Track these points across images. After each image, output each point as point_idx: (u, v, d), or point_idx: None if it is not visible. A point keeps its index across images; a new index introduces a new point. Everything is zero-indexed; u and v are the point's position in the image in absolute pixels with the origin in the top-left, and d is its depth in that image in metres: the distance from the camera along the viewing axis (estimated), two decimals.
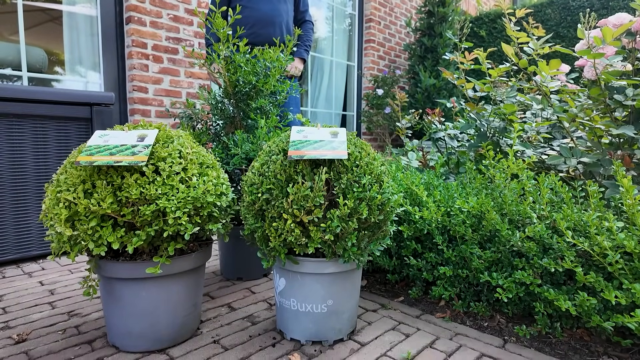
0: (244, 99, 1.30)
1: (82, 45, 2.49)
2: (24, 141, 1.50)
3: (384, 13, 4.37)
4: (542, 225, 0.99)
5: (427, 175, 1.36)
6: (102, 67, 2.51)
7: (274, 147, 0.95)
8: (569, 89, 1.50)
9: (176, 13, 2.69)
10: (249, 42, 2.25)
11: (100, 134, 0.87)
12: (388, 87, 3.88)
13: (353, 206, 0.84)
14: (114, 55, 2.55)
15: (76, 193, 0.78)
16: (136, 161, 0.79)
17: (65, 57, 2.45)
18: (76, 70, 2.48)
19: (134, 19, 2.49)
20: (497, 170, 1.14)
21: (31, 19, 2.32)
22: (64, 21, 2.44)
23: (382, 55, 4.42)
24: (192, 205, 0.84)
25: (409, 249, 1.22)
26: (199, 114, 1.32)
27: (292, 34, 2.40)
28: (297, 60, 2.34)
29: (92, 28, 2.50)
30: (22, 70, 2.25)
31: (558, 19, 3.93)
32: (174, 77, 2.72)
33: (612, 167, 1.28)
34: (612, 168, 1.10)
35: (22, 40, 2.25)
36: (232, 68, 1.26)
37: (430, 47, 4.03)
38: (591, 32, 1.48)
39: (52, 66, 2.43)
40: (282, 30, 2.29)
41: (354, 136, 0.99)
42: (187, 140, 0.95)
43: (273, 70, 1.26)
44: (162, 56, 2.64)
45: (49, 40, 2.43)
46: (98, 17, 2.48)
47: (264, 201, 0.88)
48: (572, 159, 1.28)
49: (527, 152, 1.38)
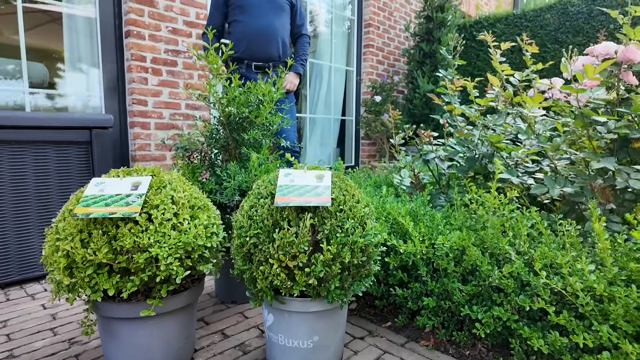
0: (238, 129, 1.34)
1: (82, 60, 2.53)
2: (26, 166, 1.55)
3: (383, 17, 4.37)
4: (520, 262, 1.03)
5: (415, 202, 1.40)
6: (102, 81, 2.55)
7: (262, 189, 0.99)
8: (562, 103, 1.51)
9: (175, 25, 2.72)
10: (246, 58, 2.28)
11: (97, 182, 0.91)
12: (386, 94, 3.90)
13: (336, 251, 0.89)
14: (113, 69, 2.59)
15: (74, 242, 0.83)
16: (130, 212, 0.84)
17: (66, 72, 2.49)
18: (77, 84, 2.52)
19: (133, 33, 2.53)
20: (480, 203, 1.18)
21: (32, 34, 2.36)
22: (64, 31, 2.48)
23: (381, 60, 4.43)
24: (183, 250, 0.89)
25: (395, 278, 1.26)
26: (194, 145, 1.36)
27: (289, 48, 2.43)
28: (293, 74, 2.37)
29: (92, 41, 2.54)
30: (23, 86, 2.30)
31: (557, 24, 3.92)
32: (172, 89, 2.75)
33: (593, 199, 1.31)
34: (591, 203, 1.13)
35: (23, 56, 2.29)
36: (226, 101, 1.30)
37: (429, 53, 4.04)
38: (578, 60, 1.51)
39: (53, 80, 2.47)
40: (278, 45, 2.32)
41: (339, 177, 1.04)
42: (180, 182, 0.99)
43: (265, 103, 1.30)
44: (161, 69, 2.68)
45: (49, 54, 2.47)
46: (97, 32, 2.52)
47: (251, 245, 0.92)
48: (555, 189, 1.32)
49: (513, 179, 1.42)
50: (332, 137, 4.34)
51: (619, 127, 1.27)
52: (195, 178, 1.27)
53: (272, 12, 2.27)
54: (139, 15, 2.54)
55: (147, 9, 2.57)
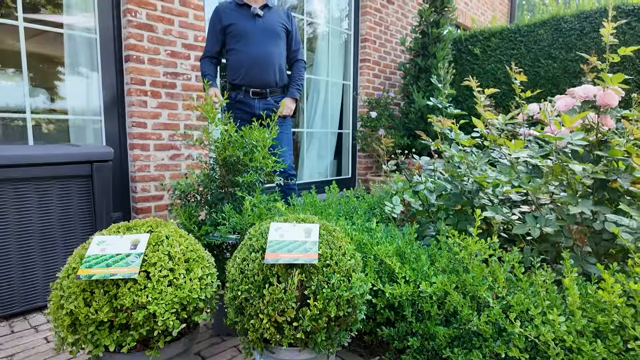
0: (233, 170, 1.41)
1: (82, 83, 2.59)
2: (29, 201, 1.61)
3: (379, 32, 4.43)
4: (497, 308, 1.09)
5: (402, 240, 1.46)
6: (103, 105, 2.61)
7: (254, 241, 1.05)
8: (546, 134, 1.57)
9: (173, 49, 2.78)
10: (244, 84, 2.34)
11: (98, 240, 0.98)
12: (382, 109, 3.96)
13: (322, 306, 0.95)
14: (113, 92, 2.65)
15: (77, 302, 0.89)
16: (129, 273, 0.90)
17: (67, 96, 2.55)
18: (77, 108, 2.58)
19: (133, 58, 2.59)
20: (461, 247, 1.24)
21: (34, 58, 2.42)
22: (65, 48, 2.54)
23: (377, 74, 4.49)
24: (179, 304, 0.95)
25: (383, 316, 1.32)
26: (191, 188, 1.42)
27: (286, 73, 2.48)
28: (289, 99, 2.43)
29: (92, 66, 2.60)
30: (26, 112, 2.36)
31: (550, 40, 3.98)
32: (172, 110, 2.81)
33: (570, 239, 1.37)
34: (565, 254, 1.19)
35: (25, 80, 2.35)
36: (221, 145, 1.36)
37: (424, 68, 4.10)
38: (560, 100, 1.57)
39: (54, 105, 2.53)
40: (275, 72, 2.38)
41: (327, 228, 1.10)
42: (176, 236, 1.05)
43: (258, 148, 1.36)
44: (160, 91, 2.74)
45: (49, 77, 2.53)
46: (98, 55, 2.58)
47: (243, 299, 0.99)
48: (535, 229, 1.38)
49: (497, 217, 1.48)
50: (329, 149, 4.40)
51: (595, 172, 1.33)
52: (192, 222, 1.33)
53: (268, 39, 2.33)
54: (139, 40, 2.60)
55: (146, 34, 2.63)
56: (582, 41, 3.79)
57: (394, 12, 4.57)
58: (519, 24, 4.20)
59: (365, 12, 4.25)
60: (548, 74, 3.99)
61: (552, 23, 3.97)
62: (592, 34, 3.72)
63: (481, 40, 4.42)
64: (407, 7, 4.74)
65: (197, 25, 2.89)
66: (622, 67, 3.56)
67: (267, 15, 2.34)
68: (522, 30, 4.16)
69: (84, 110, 2.61)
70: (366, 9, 4.25)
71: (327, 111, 4.29)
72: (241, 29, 2.28)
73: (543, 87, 4.03)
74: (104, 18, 2.56)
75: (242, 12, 2.30)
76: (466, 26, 5.89)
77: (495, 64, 4.33)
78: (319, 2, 4.06)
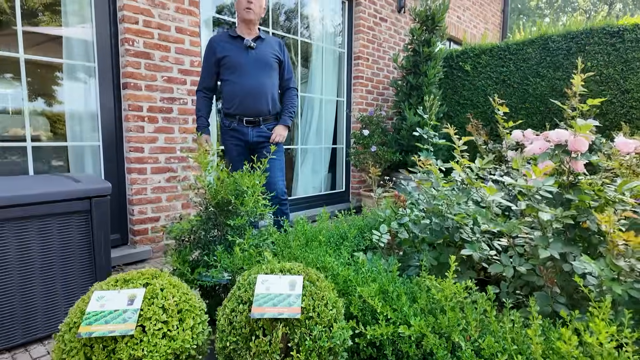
0: (224, 214, 1.49)
1: (81, 111, 2.67)
2: (30, 237, 1.69)
3: (372, 49, 4.52)
4: (469, 350, 1.18)
5: (385, 278, 1.55)
6: (101, 131, 2.69)
7: (242, 292, 1.13)
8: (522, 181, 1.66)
9: (170, 74, 2.86)
10: (238, 114, 2.42)
11: (97, 296, 1.05)
12: (374, 127, 4.05)
13: (305, 357, 1.03)
14: (111, 118, 2.72)
15: (78, 356, 0.97)
16: (126, 330, 0.98)
17: (66, 123, 2.62)
18: (77, 135, 2.66)
19: (130, 85, 2.67)
20: (439, 290, 1.33)
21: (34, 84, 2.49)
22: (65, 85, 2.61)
23: (370, 90, 4.58)
24: (172, 355, 1.03)
25: (366, 353, 1.41)
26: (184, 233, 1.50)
27: (278, 101, 2.56)
28: (281, 127, 2.52)
29: (90, 95, 2.67)
30: (26, 141, 2.43)
31: (538, 59, 4.08)
32: (168, 134, 2.89)
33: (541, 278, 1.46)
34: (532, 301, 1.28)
35: (26, 110, 2.42)
36: (214, 190, 1.44)
37: (416, 85, 4.19)
38: (534, 143, 1.65)
39: (54, 131, 2.61)
40: (268, 101, 2.45)
41: (311, 278, 1.18)
42: (170, 288, 1.13)
43: (249, 194, 1.45)
44: (157, 116, 2.82)
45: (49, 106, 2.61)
46: (97, 85, 2.65)
47: (231, 349, 1.07)
48: (509, 269, 1.47)
49: (474, 255, 1.57)
50: (323, 164, 4.48)
51: (565, 216, 1.41)
52: (185, 266, 1.41)
53: (261, 71, 2.41)
54: (136, 68, 2.67)
55: (143, 62, 2.71)
56: (568, 60, 3.89)
57: (387, 30, 4.67)
58: (509, 42, 4.30)
59: (359, 30, 4.34)
60: (536, 91, 4.09)
61: (540, 42, 4.07)
62: (578, 54, 3.82)
63: (472, 57, 4.52)
64: (399, 23, 4.84)
65: (193, 51, 2.97)
66: (607, 87, 3.66)
67: (260, 46, 2.42)
68: (511, 48, 4.25)
69: (83, 136, 2.68)
70: (359, 27, 4.34)
71: (321, 127, 4.38)
72: (235, 61, 2.36)
73: (531, 104, 4.13)
74: (102, 48, 2.64)
75: (235, 44, 2.38)
76: (459, 39, 5.99)
77: (485, 81, 4.43)
78: (313, 21, 4.15)
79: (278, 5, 3.84)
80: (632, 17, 3.63)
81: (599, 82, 3.72)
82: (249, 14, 2.34)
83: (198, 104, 2.46)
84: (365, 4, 4.35)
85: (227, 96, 2.42)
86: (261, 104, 2.43)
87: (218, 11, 3.39)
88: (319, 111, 4.34)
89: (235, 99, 2.39)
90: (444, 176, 1.89)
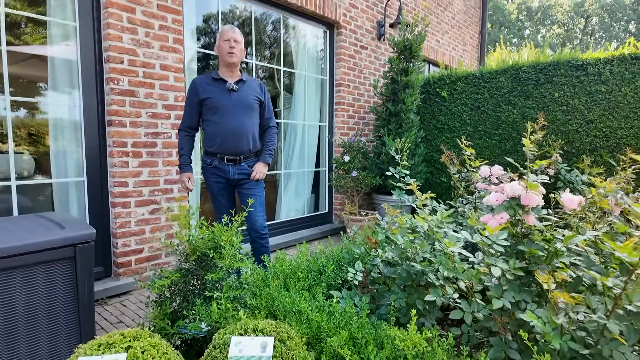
0: (203, 267, 1.58)
1: (66, 149, 2.73)
2: (15, 287, 1.75)
3: (354, 76, 4.68)
4: None
5: (355, 323, 1.66)
6: (86, 167, 2.75)
7: (217, 352, 1.23)
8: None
9: (154, 110, 2.94)
10: (219, 152, 2.52)
11: None
12: (355, 152, 4.19)
13: None
14: (96, 154, 2.79)
15: None
16: None
17: (52, 159, 2.68)
18: (62, 171, 2.72)
19: (115, 122, 2.74)
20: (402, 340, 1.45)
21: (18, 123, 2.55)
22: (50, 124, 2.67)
23: (352, 115, 4.73)
24: None
25: None
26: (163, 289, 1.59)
27: (259, 140, 2.67)
28: (261, 164, 2.62)
29: (76, 134, 2.74)
30: (10, 180, 2.48)
31: (510, 87, 4.29)
32: (152, 168, 2.97)
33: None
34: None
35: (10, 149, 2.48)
36: (193, 247, 1.54)
37: (394, 112, 4.36)
38: (491, 195, 1.80)
39: (39, 168, 2.66)
40: (249, 141, 2.56)
41: (282, 338, 1.28)
42: (150, 350, 1.22)
43: (226, 250, 1.55)
44: (141, 151, 2.90)
45: (34, 143, 2.66)
46: (81, 122, 2.72)
47: None
48: (468, 315, 1.60)
49: (437, 300, 1.70)
50: (306, 187, 4.60)
51: (516, 268, 1.56)
52: (165, 320, 1.50)
53: (242, 112, 2.51)
54: (121, 105, 2.75)
55: (128, 99, 2.79)
56: (538, 90, 4.11)
57: (368, 57, 4.84)
58: (483, 70, 4.51)
59: (340, 58, 4.50)
60: (509, 119, 4.30)
61: (511, 72, 4.29)
62: (546, 85, 4.05)
63: (448, 84, 4.71)
64: (380, 50, 5.01)
65: (178, 87, 3.07)
66: (573, 117, 3.88)
67: (242, 89, 2.53)
68: (485, 76, 4.46)
69: (67, 173, 2.74)
70: (340, 55, 4.49)
71: (304, 151, 4.50)
72: (217, 102, 2.46)
73: (504, 131, 4.33)
74: (87, 88, 2.71)
75: (217, 87, 2.49)
76: (437, 62, 6.21)
77: (461, 107, 4.62)
78: (296, 50, 4.29)
79: (262, 35, 3.96)
80: (594, 52, 3.87)
81: (566, 111, 3.94)
82: (232, 57, 2.45)
83: (181, 142, 2.55)
84: (346, 33, 4.51)
85: (209, 135, 2.52)
86: (242, 144, 2.53)
87: (203, 46, 3.49)
88: (302, 136, 4.46)
89: (217, 139, 2.49)
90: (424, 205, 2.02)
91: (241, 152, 2.54)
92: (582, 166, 3.33)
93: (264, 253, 2.61)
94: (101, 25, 2.71)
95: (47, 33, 2.60)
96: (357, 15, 4.63)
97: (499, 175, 2.44)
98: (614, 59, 3.65)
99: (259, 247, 2.63)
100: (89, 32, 2.68)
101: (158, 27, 2.91)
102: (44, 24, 2.59)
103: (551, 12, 27.07)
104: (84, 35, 2.66)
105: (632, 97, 3.54)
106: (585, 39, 26.83)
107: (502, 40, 8.90)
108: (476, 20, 7.42)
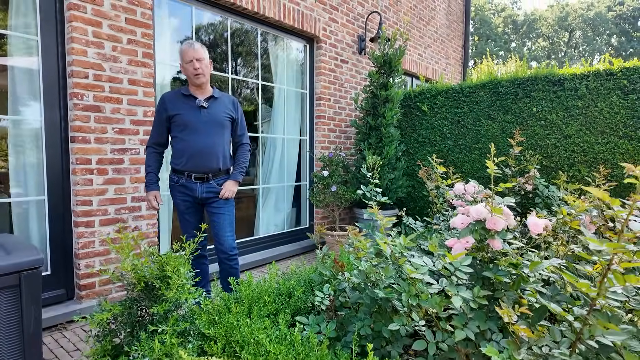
0: (150, 298, 1.49)
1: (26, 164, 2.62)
2: None
3: (334, 90, 4.65)
4: None
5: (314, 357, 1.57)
6: (47, 185, 2.64)
7: None
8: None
9: (121, 126, 2.85)
10: (187, 170, 2.43)
11: None
12: (334, 167, 4.12)
13: None
14: (58, 172, 2.68)
15: None
16: None
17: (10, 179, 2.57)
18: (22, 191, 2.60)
19: (79, 139, 2.64)
20: None
21: None
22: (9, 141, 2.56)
23: (332, 128, 4.68)
24: None
25: None
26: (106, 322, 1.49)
27: (230, 157, 2.59)
28: (231, 182, 2.53)
29: (37, 151, 2.63)
30: None
31: (489, 102, 4.29)
32: (119, 185, 2.86)
33: None
34: None
35: None
36: (138, 275, 1.44)
37: (375, 126, 4.32)
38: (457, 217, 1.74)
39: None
40: (218, 159, 2.47)
41: None
42: None
43: (173, 280, 1.45)
44: (107, 168, 2.79)
45: None
46: (43, 138, 2.62)
47: None
48: (432, 345, 1.52)
49: (401, 329, 1.61)
50: (286, 202, 4.51)
51: (480, 297, 1.49)
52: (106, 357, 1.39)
53: (212, 129, 2.43)
54: (85, 121, 2.66)
55: (93, 115, 2.70)
56: (516, 105, 4.11)
57: (348, 71, 4.82)
58: (462, 84, 4.51)
59: (320, 72, 4.47)
60: (488, 133, 4.28)
61: (490, 86, 4.29)
62: (524, 99, 4.05)
63: (429, 98, 4.70)
64: (361, 64, 5.00)
65: (147, 102, 2.98)
66: (551, 132, 3.87)
67: (212, 105, 2.45)
68: (465, 90, 4.46)
69: (27, 192, 2.62)
70: (321, 69, 4.46)
71: (283, 165, 4.43)
72: (185, 119, 2.38)
73: (484, 145, 4.31)
74: (49, 103, 2.61)
75: (187, 103, 2.41)
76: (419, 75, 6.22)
77: (441, 121, 4.61)
78: (275, 65, 4.24)
79: (240, 49, 3.91)
80: (571, 67, 3.89)
81: (544, 126, 3.94)
82: (198, 78, 2.38)
83: (148, 159, 2.46)
84: (326, 47, 4.49)
85: (176, 153, 2.44)
86: (211, 162, 2.44)
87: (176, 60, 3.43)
88: (282, 150, 4.39)
89: (184, 156, 2.40)
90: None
91: (210, 170, 2.45)
92: (558, 182, 3.31)
93: (232, 275, 2.51)
94: (65, 39, 2.63)
95: (7, 47, 2.51)
96: (337, 29, 4.61)
97: (473, 193, 2.39)
98: (589, 74, 3.67)
99: (227, 269, 2.53)
100: (52, 46, 2.59)
101: (126, 41, 2.83)
102: (4, 37, 2.50)
103: (536, 25, 27.72)
104: (46, 50, 2.57)
105: (607, 112, 3.55)
106: (570, 52, 27.47)
107: (488, 52, 9.01)
108: (459, 35, 7.50)
